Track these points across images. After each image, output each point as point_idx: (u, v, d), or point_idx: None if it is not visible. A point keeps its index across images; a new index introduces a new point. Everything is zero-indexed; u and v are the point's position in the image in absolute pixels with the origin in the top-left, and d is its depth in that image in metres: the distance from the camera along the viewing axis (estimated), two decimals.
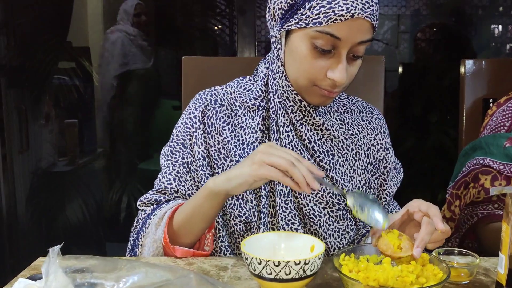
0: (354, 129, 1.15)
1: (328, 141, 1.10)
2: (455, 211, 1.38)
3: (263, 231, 1.05)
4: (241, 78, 1.18)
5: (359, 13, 0.94)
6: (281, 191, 1.07)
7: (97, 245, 2.62)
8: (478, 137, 1.42)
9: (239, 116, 1.12)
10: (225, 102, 1.14)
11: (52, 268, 0.73)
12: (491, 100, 1.56)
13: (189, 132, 1.12)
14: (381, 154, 1.17)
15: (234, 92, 1.15)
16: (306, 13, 0.97)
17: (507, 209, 0.83)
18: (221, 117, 1.11)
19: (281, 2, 1.01)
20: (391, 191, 1.18)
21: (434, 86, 2.66)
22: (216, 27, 2.78)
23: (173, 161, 1.13)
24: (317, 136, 1.09)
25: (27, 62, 2.44)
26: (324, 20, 0.95)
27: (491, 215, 1.25)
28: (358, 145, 1.14)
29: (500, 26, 2.84)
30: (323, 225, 1.09)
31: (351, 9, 0.94)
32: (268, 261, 0.81)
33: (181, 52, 2.62)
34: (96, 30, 2.71)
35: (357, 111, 1.18)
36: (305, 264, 0.81)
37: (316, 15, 0.95)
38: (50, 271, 0.73)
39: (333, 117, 1.13)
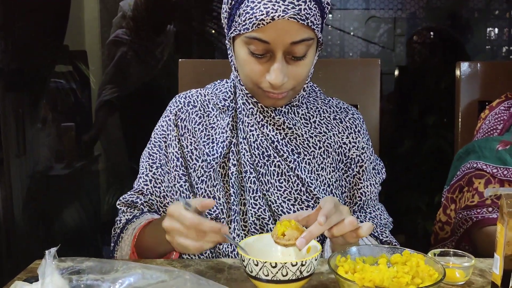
0: (322, 127, 1.16)
1: (293, 140, 1.13)
2: (451, 215, 1.39)
3: (233, 229, 1.08)
4: (219, 81, 1.22)
5: (280, 15, 0.95)
6: (250, 188, 1.10)
7: (93, 248, 2.61)
8: (472, 141, 1.42)
9: (211, 117, 1.16)
10: (198, 104, 1.18)
11: (49, 270, 0.73)
12: (486, 103, 1.57)
13: (164, 134, 1.17)
14: (354, 152, 1.17)
15: (208, 94, 1.19)
16: (237, 20, 1.01)
17: (502, 210, 0.83)
18: (193, 118, 1.16)
19: (225, 11, 1.05)
20: (367, 191, 1.17)
21: (431, 88, 2.67)
22: (213, 31, 2.79)
23: (150, 162, 1.18)
24: (280, 136, 1.12)
25: (24, 66, 2.44)
26: (250, 26, 0.98)
27: (486, 219, 1.25)
28: (327, 143, 1.15)
29: (496, 29, 2.85)
30: None
31: (271, 12, 0.95)
32: (265, 262, 0.81)
33: (178, 54, 2.63)
34: (93, 33, 2.71)
35: (329, 110, 1.19)
36: (302, 265, 0.82)
37: (243, 21, 0.99)
38: (47, 273, 0.73)
39: (298, 116, 1.14)
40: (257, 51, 1.00)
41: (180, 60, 1.49)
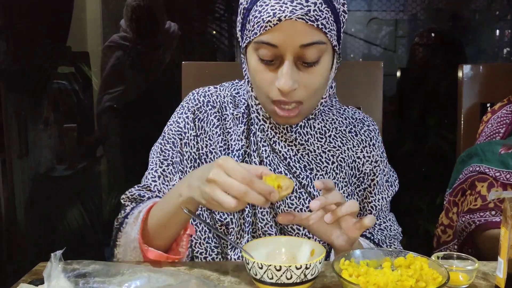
0: (337, 141, 1.12)
1: (305, 156, 1.09)
2: (453, 218, 1.39)
3: (247, 240, 1.05)
4: (237, 81, 1.19)
5: (287, 15, 0.91)
6: None
7: (95, 249, 2.61)
8: (474, 144, 1.43)
9: (228, 121, 1.12)
10: (217, 105, 1.14)
11: (54, 273, 0.74)
12: (488, 105, 1.57)
13: (180, 131, 1.12)
14: (368, 167, 1.14)
15: (227, 96, 1.15)
16: (248, 27, 0.98)
17: (505, 213, 0.83)
18: (211, 120, 1.12)
19: (238, 22, 1.03)
20: (378, 204, 1.15)
21: (432, 90, 2.67)
22: (214, 32, 2.79)
23: (161, 158, 1.13)
24: (292, 152, 1.08)
25: (26, 67, 2.44)
26: (258, 30, 0.95)
27: (489, 222, 1.25)
28: (341, 157, 1.11)
29: (497, 31, 2.85)
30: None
31: (278, 13, 0.92)
32: (270, 265, 0.81)
33: (180, 56, 2.63)
34: (95, 34, 2.71)
35: (345, 122, 1.15)
36: (306, 268, 0.82)
37: (252, 27, 0.96)
38: (52, 276, 0.74)
39: (313, 130, 1.10)
40: (266, 57, 0.96)
41: (183, 62, 1.49)
